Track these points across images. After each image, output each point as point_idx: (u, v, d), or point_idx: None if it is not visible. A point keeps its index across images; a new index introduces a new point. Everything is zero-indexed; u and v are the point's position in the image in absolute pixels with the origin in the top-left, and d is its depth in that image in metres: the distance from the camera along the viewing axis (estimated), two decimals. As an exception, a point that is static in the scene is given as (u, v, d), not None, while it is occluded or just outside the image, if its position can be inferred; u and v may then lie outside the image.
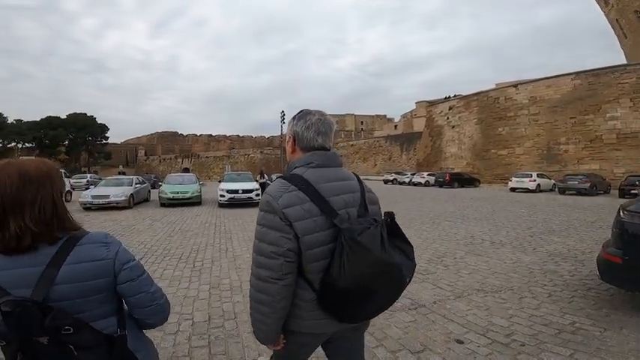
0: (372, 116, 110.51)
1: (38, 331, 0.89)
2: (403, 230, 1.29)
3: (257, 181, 15.81)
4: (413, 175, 31.26)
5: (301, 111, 1.30)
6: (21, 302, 0.88)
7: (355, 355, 1.45)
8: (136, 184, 15.05)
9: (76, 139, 58.44)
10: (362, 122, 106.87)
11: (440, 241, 6.54)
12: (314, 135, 1.24)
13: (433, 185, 28.00)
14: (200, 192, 14.36)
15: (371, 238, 1.11)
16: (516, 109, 29.49)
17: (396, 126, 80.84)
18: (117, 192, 12.81)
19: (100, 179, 34.89)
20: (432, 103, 68.08)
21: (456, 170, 30.77)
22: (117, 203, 12.33)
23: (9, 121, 55.68)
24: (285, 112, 44.62)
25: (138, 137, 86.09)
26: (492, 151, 30.50)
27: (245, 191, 12.87)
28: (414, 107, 76.13)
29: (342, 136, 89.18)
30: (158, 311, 1.12)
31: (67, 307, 0.94)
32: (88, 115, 61.09)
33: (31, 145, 55.44)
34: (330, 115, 1.30)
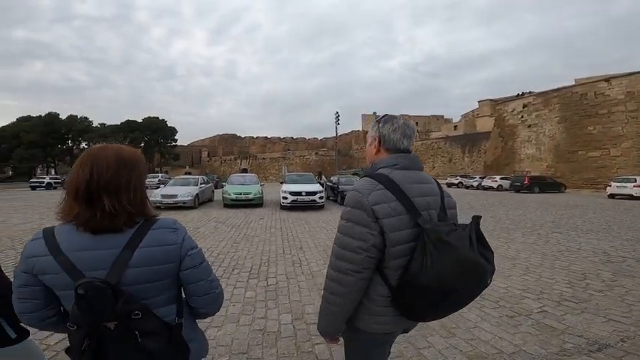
0: (428, 117, 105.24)
1: (108, 316, 0.90)
2: (505, 242, 1.24)
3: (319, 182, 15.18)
4: (482, 178, 28.43)
5: (385, 115, 1.36)
6: (97, 285, 0.89)
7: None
8: (201, 184, 15.21)
9: (150, 141, 63.61)
10: (417, 123, 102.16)
11: (565, 258, 5.27)
12: (400, 137, 1.30)
13: (506, 190, 25.20)
14: (262, 193, 14.07)
15: (459, 239, 1.14)
16: (610, 105, 25.39)
17: (455, 126, 75.73)
18: (184, 192, 12.97)
19: (169, 179, 37.72)
20: (499, 102, 62.70)
21: (533, 173, 27.40)
22: (183, 203, 12.53)
23: (94, 125, 62.53)
24: (339, 114, 43.71)
25: (201, 139, 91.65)
26: (580, 152, 26.62)
27: (308, 193, 12.17)
28: (476, 106, 70.83)
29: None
30: (214, 300, 1.13)
31: (134, 292, 0.95)
32: (160, 118, 66.21)
33: (112, 146, 61.37)
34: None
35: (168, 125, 67.26)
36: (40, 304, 1.00)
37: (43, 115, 58.11)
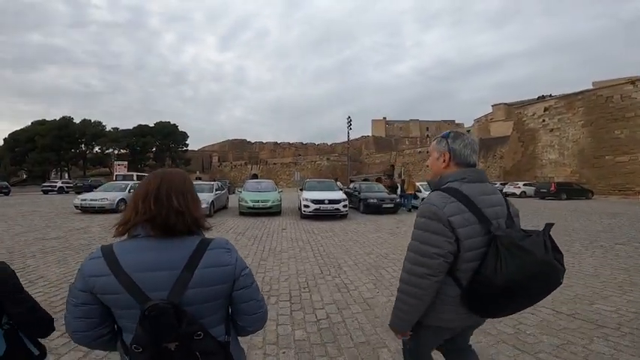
0: (439, 122, 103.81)
1: (170, 337, 0.91)
2: (572, 256, 3.36)
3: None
4: (503, 184, 27.35)
5: (452, 131, 1.49)
6: (163, 306, 0.90)
7: (466, 344, 1.67)
8: (216, 190, 14.34)
9: (162, 145, 63.90)
10: (427, 128, 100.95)
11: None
12: (470, 153, 1.43)
13: (530, 197, 24.14)
14: (280, 201, 13.25)
15: (534, 244, 1.26)
16: (637, 108, 24.27)
17: (468, 131, 74.29)
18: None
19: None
20: (515, 105, 61.36)
21: (557, 179, 26.28)
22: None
23: (107, 129, 63.07)
24: (351, 118, 43.01)
25: (211, 145, 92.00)
26: (607, 157, 25.44)
27: (331, 202, 11.37)
28: (489, 111, 69.48)
29: (407, 142, 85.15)
30: (261, 319, 1.16)
31: (193, 312, 0.96)
32: (172, 123, 66.47)
33: (125, 151, 61.89)
34: (393, 121, 2.08)
35: (180, 130, 67.51)
36: (95, 323, 1.00)
37: (57, 119, 58.81)
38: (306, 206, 11.46)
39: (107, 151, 62.98)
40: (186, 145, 69.87)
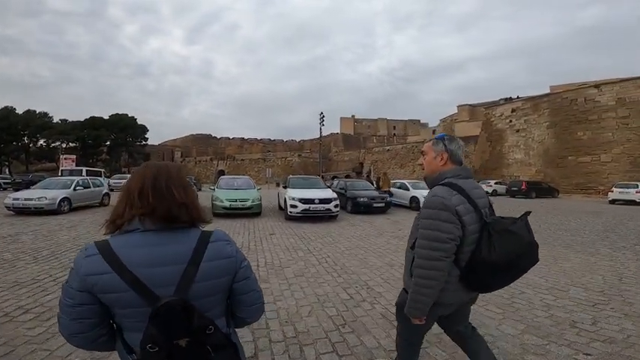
0: (405, 121, 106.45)
1: (182, 333, 0.89)
2: (564, 261, 4.66)
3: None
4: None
5: (446, 135, 1.74)
6: (173, 302, 0.88)
7: (466, 318, 1.90)
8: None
9: (118, 139, 59.06)
10: (394, 127, 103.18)
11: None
12: (461, 153, 1.69)
13: (501, 195, 24.68)
14: (260, 200, 11.76)
15: (520, 228, 1.54)
16: (600, 111, 25.58)
17: (434, 131, 76.42)
18: None
19: None
20: (483, 106, 63.79)
21: (522, 178, 27.18)
22: None
23: (54, 121, 57.20)
24: (323, 115, 42.23)
25: (173, 139, 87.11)
26: (570, 157, 26.64)
27: (322, 201, 10.21)
28: (454, 111, 71.91)
29: (375, 141, 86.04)
30: (260, 309, 1.17)
31: (199, 307, 0.94)
32: (130, 115, 61.73)
33: (74, 144, 56.52)
34: (361, 119, 2.37)
35: (139, 123, 62.91)
36: (94, 323, 0.97)
37: (-3, 109, 52.38)
38: (294, 206, 10.18)
39: (54, 145, 57.24)
40: (146, 140, 65.31)
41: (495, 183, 26.13)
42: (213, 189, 12.50)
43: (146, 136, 64.89)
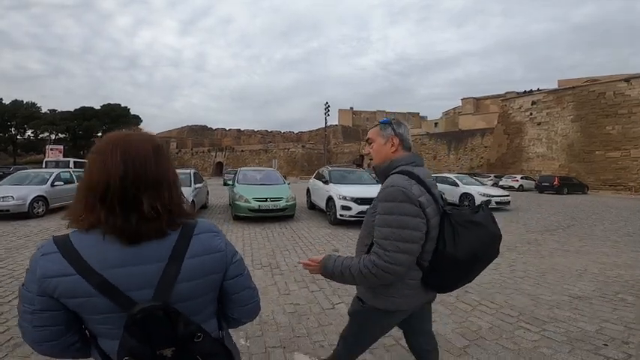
0: (404, 114, 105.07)
1: (166, 342, 0.77)
2: None
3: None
4: (498, 177, 26.50)
5: (393, 118, 1.55)
6: (153, 308, 0.75)
7: (428, 321, 1.75)
8: (196, 182, 9.79)
9: (110, 130, 56.27)
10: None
11: None
12: (409, 138, 1.53)
13: (528, 190, 23.56)
14: (295, 198, 9.32)
15: (484, 217, 1.40)
16: (631, 105, 24.48)
17: (436, 124, 75.36)
18: None
19: None
20: (481, 99, 62.68)
21: (545, 173, 26.12)
22: None
23: (42, 112, 54.25)
24: (329, 104, 40.59)
25: (168, 131, 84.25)
26: (598, 152, 25.58)
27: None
28: (456, 104, 70.80)
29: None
30: (256, 308, 1.03)
31: (184, 311, 0.81)
32: (122, 105, 59.08)
33: (64, 135, 53.74)
34: (360, 111, 1.99)
35: (132, 113, 60.25)
36: (62, 331, 0.82)
37: (-20, 99, 49.31)
38: (346, 208, 8.01)
39: (42, 136, 54.35)
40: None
41: (522, 178, 24.93)
42: (231, 184, 9.98)
43: (140, 126, 62.30)
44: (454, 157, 47.82)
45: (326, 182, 9.62)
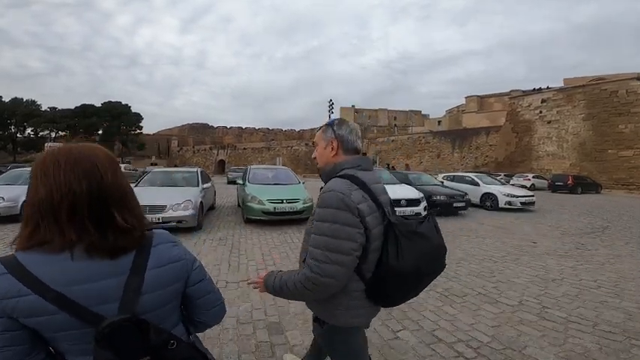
0: (406, 112, 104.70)
1: (137, 353, 0.77)
2: None
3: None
4: (508, 176, 26.08)
5: (337, 119, 1.45)
6: (121, 323, 0.75)
7: None
8: (203, 183, 8.87)
9: (111, 127, 55.94)
10: (395, 117, 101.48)
11: None
12: (355, 138, 1.39)
13: (540, 189, 23.15)
14: (312, 200, 8.33)
15: (429, 229, 1.31)
16: (644, 103, 24.08)
17: (439, 122, 74.99)
18: (176, 199, 6.85)
19: (135, 170, 29.28)
20: (485, 97, 62.25)
21: (555, 172, 25.77)
22: (179, 222, 6.60)
23: (42, 109, 53.73)
24: (333, 102, 40.26)
25: (169, 129, 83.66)
26: (610, 151, 25.20)
27: (410, 202, 8.01)
28: (460, 103, 70.32)
29: (375, 131, 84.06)
30: (221, 311, 1.05)
31: (151, 320, 0.81)
32: (123, 103, 58.48)
33: (64, 133, 53.20)
34: (362, 109, 2.11)
35: (133, 111, 59.62)
36: (25, 350, 0.78)
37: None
38: None
39: (42, 134, 53.84)
40: (141, 128, 62.11)
41: (534, 177, 24.54)
42: (241, 184, 9.29)
43: (140, 124, 61.73)
44: (458, 155, 47.43)
45: None
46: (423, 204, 8.21)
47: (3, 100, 51.33)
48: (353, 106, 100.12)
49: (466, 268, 5.14)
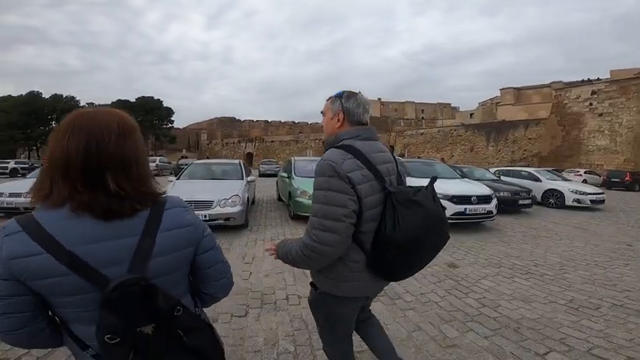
0: (434, 104, 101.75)
1: (144, 318, 0.75)
2: None
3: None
4: (558, 170, 24.42)
5: (345, 91, 1.46)
6: (131, 284, 0.73)
7: (368, 313, 1.75)
8: (247, 176, 8.13)
9: (144, 122, 57.56)
10: (422, 110, 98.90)
11: None
12: (362, 111, 1.43)
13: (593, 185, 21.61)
14: None
15: (425, 197, 1.29)
16: None
17: (471, 114, 72.20)
18: (223, 194, 6.21)
19: (169, 163, 29.67)
20: (522, 89, 59.24)
21: (608, 167, 24.01)
22: (226, 219, 6.03)
23: (80, 105, 56.02)
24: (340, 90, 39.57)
25: (198, 123, 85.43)
26: (670, 146, 23.14)
27: (481, 199, 7.26)
28: (493, 95, 67.24)
29: (402, 124, 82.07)
30: (229, 283, 1.03)
31: (159, 285, 0.78)
32: (155, 98, 60.11)
33: (102, 127, 55.34)
34: (388, 102, 1.91)
35: (165, 106, 61.15)
36: (29, 317, 0.78)
37: (23, 94, 51.44)
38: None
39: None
40: (172, 122, 63.70)
41: (585, 172, 22.94)
42: (287, 177, 8.77)
43: (172, 118, 63.26)
44: (493, 149, 45.31)
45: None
46: (494, 201, 7.56)
47: (43, 96, 53.79)
48: (379, 98, 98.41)
49: (576, 275, 4.59)
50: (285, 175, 9.18)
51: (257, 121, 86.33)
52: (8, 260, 0.71)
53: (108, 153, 0.76)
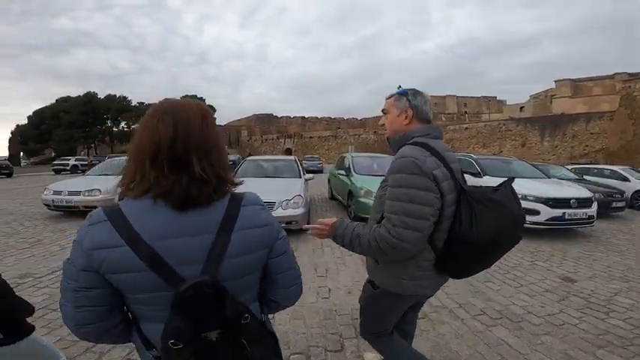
0: (477, 98, 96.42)
1: (211, 324, 0.71)
2: None
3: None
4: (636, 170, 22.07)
5: (410, 89, 1.43)
6: (203, 286, 0.70)
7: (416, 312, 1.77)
8: (304, 174, 7.70)
9: (189, 120, 60.33)
10: (465, 104, 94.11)
11: None
12: (428, 109, 1.42)
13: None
14: None
15: (505, 196, 1.26)
16: None
17: (522, 108, 67.52)
18: (284, 194, 5.71)
19: (231, 162, 29.92)
20: (579, 81, 54.48)
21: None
22: (288, 222, 5.42)
23: (132, 104, 59.35)
24: (402, 87, 38.27)
25: (237, 120, 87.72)
26: None
27: (581, 203, 6.39)
28: (547, 87, 62.23)
29: (443, 118, 78.64)
30: (298, 291, 0.96)
31: (229, 290, 0.74)
32: (199, 96, 62.46)
33: (151, 126, 58.43)
34: (429, 95, 1.44)
35: (207, 104, 63.43)
36: (105, 311, 0.76)
37: (81, 94, 55.54)
38: (533, 212, 6.09)
39: (133, 127, 59.70)
40: (215, 119, 65.89)
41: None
42: (345, 174, 8.13)
43: (214, 116, 65.33)
44: (549, 144, 41.93)
45: (477, 175, 7.58)
46: (595, 205, 6.64)
47: (99, 96, 57.60)
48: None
49: None
50: (342, 172, 8.64)
51: (294, 117, 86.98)
52: (91, 251, 0.70)
53: (194, 136, 0.75)
